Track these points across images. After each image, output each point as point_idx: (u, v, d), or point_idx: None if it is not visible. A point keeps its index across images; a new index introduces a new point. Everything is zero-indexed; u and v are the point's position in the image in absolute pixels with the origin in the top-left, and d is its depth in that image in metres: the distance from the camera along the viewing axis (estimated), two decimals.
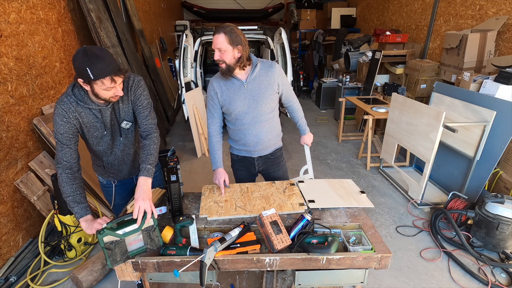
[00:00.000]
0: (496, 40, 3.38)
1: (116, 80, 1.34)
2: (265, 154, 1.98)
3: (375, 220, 2.83)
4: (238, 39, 1.62)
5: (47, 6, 2.79)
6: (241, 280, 2.10)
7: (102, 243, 1.24)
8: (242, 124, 1.85)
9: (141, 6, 5.68)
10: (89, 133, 1.53)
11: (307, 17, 7.77)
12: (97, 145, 1.60)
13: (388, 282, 2.16)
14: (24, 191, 2.31)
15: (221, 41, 1.60)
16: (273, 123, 1.92)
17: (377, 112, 3.74)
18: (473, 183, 2.77)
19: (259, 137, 1.88)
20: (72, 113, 1.42)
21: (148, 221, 1.33)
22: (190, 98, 4.14)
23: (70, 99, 1.41)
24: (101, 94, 1.36)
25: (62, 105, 1.40)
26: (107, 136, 1.58)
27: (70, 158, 1.45)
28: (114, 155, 1.68)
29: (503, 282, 2.13)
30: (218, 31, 1.61)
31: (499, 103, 2.55)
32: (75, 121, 1.44)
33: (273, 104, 1.85)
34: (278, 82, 1.81)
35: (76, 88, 1.42)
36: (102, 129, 1.54)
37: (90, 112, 1.47)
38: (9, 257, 2.23)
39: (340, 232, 1.55)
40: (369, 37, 5.93)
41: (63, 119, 1.40)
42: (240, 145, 1.96)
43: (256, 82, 1.76)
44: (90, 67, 1.26)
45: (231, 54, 1.64)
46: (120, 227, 1.29)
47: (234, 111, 1.80)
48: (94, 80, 1.29)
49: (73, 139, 1.46)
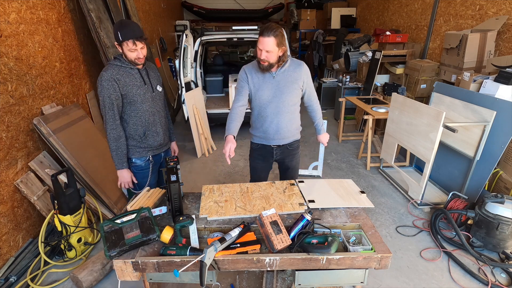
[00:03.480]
0: (496, 40, 3.38)
1: (137, 44, 1.77)
2: (283, 143, 2.10)
3: (375, 220, 2.83)
4: (283, 40, 1.79)
5: (47, 6, 2.79)
6: (241, 280, 2.10)
7: (102, 231, 1.36)
8: (265, 112, 1.99)
9: (141, 6, 5.68)
10: (132, 90, 1.86)
11: (307, 17, 7.77)
12: (142, 102, 1.92)
13: (388, 282, 2.16)
14: (24, 191, 2.31)
15: (270, 44, 1.75)
16: (293, 115, 2.04)
17: (377, 112, 3.74)
18: (473, 183, 2.77)
19: (279, 126, 2.00)
20: (115, 75, 1.80)
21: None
22: (190, 98, 4.14)
23: (114, 66, 1.82)
24: (128, 55, 1.81)
25: (107, 72, 1.79)
26: (148, 92, 1.94)
27: (116, 116, 1.85)
28: (154, 115, 2.00)
29: (503, 282, 2.13)
30: (268, 34, 1.73)
31: (499, 103, 2.55)
32: (117, 82, 1.80)
33: (295, 98, 1.99)
34: (304, 80, 1.97)
35: (117, 58, 1.86)
36: (142, 83, 1.91)
37: (130, 72, 1.87)
38: (9, 257, 2.23)
39: (340, 232, 1.55)
40: (369, 37, 5.93)
41: (108, 83, 1.78)
42: (260, 133, 2.07)
43: (284, 75, 1.92)
44: (120, 31, 1.74)
45: (276, 55, 1.80)
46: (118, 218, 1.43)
47: (259, 98, 1.96)
48: (121, 41, 1.75)
49: (118, 101, 1.84)
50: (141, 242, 1.37)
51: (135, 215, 1.47)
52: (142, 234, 1.38)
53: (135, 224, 1.43)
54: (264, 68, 1.85)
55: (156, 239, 1.41)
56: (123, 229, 1.39)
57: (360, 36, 6.09)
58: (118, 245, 1.32)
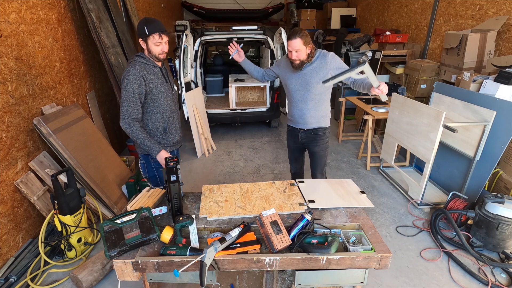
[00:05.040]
0: (496, 40, 3.38)
1: (163, 37, 1.87)
2: (307, 128, 2.34)
3: (375, 220, 2.83)
4: (308, 39, 2.06)
5: (47, 6, 2.79)
6: (241, 280, 2.10)
7: (102, 231, 1.37)
8: (292, 98, 2.30)
9: (141, 6, 5.68)
10: (157, 88, 1.94)
11: (307, 17, 7.77)
12: (165, 100, 2.00)
13: (388, 282, 2.16)
14: (24, 191, 2.31)
15: (298, 44, 2.03)
16: (318, 104, 2.26)
17: (377, 112, 3.74)
18: (473, 183, 2.77)
19: (302, 112, 2.28)
20: (142, 72, 1.86)
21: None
22: (190, 98, 4.14)
23: (139, 63, 1.88)
24: (153, 49, 1.88)
25: (135, 68, 1.84)
26: (169, 90, 2.04)
27: (138, 113, 1.89)
28: (173, 113, 2.10)
29: (503, 282, 2.13)
30: (294, 37, 2.02)
31: (499, 103, 2.55)
32: (144, 80, 1.86)
33: (321, 88, 2.19)
34: (330, 68, 2.13)
35: (140, 56, 1.91)
36: (164, 81, 2.00)
37: (154, 69, 1.94)
38: (9, 257, 2.23)
39: (340, 232, 1.55)
40: (369, 37, 5.93)
41: (136, 78, 1.83)
42: (290, 116, 2.43)
43: (310, 69, 2.16)
44: (146, 26, 1.84)
45: (304, 53, 2.07)
46: (118, 218, 1.44)
47: (289, 86, 2.28)
48: (148, 35, 1.84)
49: (140, 97, 1.89)
50: (141, 242, 1.37)
51: (135, 215, 1.47)
52: (142, 234, 1.38)
53: (135, 224, 1.43)
54: (297, 66, 2.13)
55: (156, 239, 1.41)
56: (123, 229, 1.40)
57: (360, 36, 6.08)
58: (118, 245, 1.33)
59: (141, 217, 1.47)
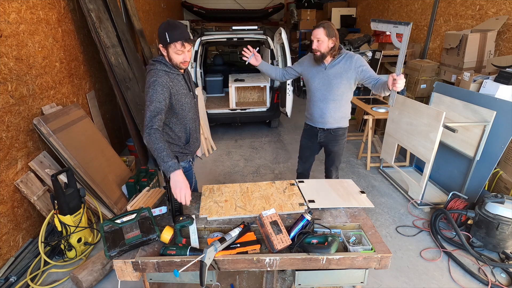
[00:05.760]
0: (496, 40, 3.38)
1: (186, 46, 1.66)
2: (327, 128, 2.34)
3: (375, 220, 2.83)
4: (333, 32, 2.05)
5: (47, 6, 2.79)
6: (241, 280, 2.10)
7: (102, 231, 1.37)
8: (314, 97, 2.29)
9: (141, 6, 5.68)
10: (181, 99, 1.77)
11: (307, 17, 7.76)
12: (188, 111, 1.84)
13: (388, 282, 2.16)
14: (24, 191, 2.31)
15: (320, 33, 2.03)
16: (339, 104, 2.25)
17: (377, 112, 3.74)
18: (473, 183, 2.77)
19: (323, 111, 2.27)
20: (168, 82, 1.68)
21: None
22: None
23: (163, 72, 1.68)
24: (174, 57, 1.68)
25: (161, 78, 1.65)
26: (192, 99, 1.88)
27: (160, 123, 1.63)
28: (195, 122, 1.94)
29: (503, 282, 2.13)
30: (318, 26, 2.05)
31: (499, 103, 2.55)
32: (170, 91, 1.70)
33: (343, 88, 2.19)
34: (356, 71, 2.11)
35: (161, 62, 1.70)
36: (187, 90, 1.83)
37: (178, 77, 1.76)
38: (9, 257, 2.23)
39: (340, 232, 1.55)
40: (369, 37, 5.92)
41: (163, 89, 1.65)
42: (309, 114, 2.40)
43: (335, 68, 2.15)
44: (168, 32, 1.63)
45: (326, 44, 2.06)
46: (119, 218, 1.44)
47: (311, 85, 2.28)
48: (169, 43, 1.64)
49: (165, 108, 1.67)
50: (141, 242, 1.37)
51: (135, 215, 1.47)
52: (142, 234, 1.38)
53: (135, 224, 1.43)
54: (317, 59, 2.12)
55: (156, 239, 1.41)
56: (123, 229, 1.40)
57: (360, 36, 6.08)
58: (118, 245, 1.33)
59: (141, 217, 1.47)
